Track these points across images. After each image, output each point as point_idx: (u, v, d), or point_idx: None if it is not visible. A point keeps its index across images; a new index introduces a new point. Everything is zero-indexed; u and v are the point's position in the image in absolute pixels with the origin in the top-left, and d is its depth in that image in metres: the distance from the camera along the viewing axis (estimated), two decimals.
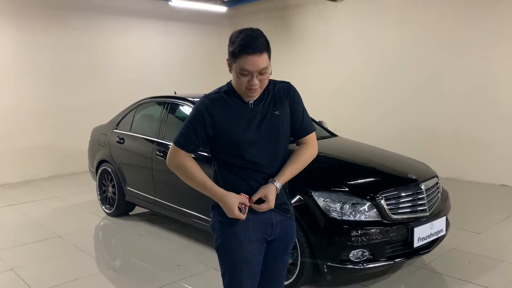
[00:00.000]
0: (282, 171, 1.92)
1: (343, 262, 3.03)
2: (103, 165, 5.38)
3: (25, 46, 7.48)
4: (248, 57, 1.73)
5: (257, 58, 1.74)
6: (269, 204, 1.86)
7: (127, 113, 5.31)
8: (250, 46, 1.73)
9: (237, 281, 1.93)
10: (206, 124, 1.87)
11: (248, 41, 1.73)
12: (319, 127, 4.78)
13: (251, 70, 1.76)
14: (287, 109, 1.96)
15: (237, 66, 1.78)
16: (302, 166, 1.98)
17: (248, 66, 1.75)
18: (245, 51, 1.73)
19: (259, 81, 1.80)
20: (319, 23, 8.61)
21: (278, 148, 1.95)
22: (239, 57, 1.75)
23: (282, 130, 1.94)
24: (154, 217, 5.25)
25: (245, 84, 1.81)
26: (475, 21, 6.36)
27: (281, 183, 1.90)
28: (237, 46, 1.74)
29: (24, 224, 5.17)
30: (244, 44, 1.73)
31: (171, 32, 9.39)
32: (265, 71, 1.79)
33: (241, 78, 1.80)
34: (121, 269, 3.93)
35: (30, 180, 7.59)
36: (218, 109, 1.87)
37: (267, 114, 1.90)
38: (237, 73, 1.79)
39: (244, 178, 1.90)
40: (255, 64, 1.75)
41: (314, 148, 2.03)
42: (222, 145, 1.91)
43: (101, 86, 8.39)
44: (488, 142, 6.37)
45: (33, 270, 3.86)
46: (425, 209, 3.27)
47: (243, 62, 1.75)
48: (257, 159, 1.89)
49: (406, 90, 7.28)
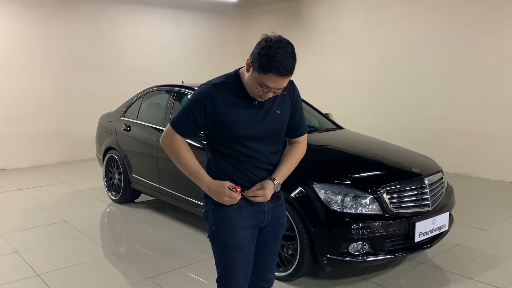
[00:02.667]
0: (280, 169, 1.96)
1: (342, 254, 3.02)
2: (109, 152, 5.42)
3: (36, 33, 7.54)
4: (274, 77, 1.68)
5: (283, 79, 1.70)
6: (265, 197, 1.89)
7: (134, 101, 5.33)
8: (279, 68, 1.66)
9: (231, 268, 1.94)
10: (207, 112, 1.83)
11: (278, 61, 1.65)
12: (325, 119, 4.75)
13: (272, 87, 1.73)
14: (287, 108, 1.96)
15: (259, 78, 1.71)
16: (295, 165, 2.04)
17: (270, 84, 1.71)
18: (273, 71, 1.67)
19: (273, 93, 1.79)
20: (330, 14, 8.52)
21: (275, 145, 1.98)
22: (266, 73, 1.68)
23: (281, 128, 1.97)
24: (159, 205, 5.29)
25: (259, 93, 1.78)
26: (487, 16, 6.23)
27: (280, 181, 1.94)
28: (267, 63, 1.66)
29: (31, 209, 5.25)
30: (274, 64, 1.65)
31: (181, 21, 9.38)
32: (282, 88, 1.77)
33: (257, 88, 1.76)
34: (124, 255, 3.97)
35: (40, 166, 7.70)
36: (221, 99, 1.82)
37: (269, 112, 1.90)
38: (256, 84, 1.74)
39: (240, 169, 1.90)
40: (278, 84, 1.72)
41: (305, 148, 2.10)
42: (220, 136, 1.90)
43: (111, 74, 8.44)
44: (498, 139, 6.27)
45: (38, 253, 3.93)
46: (428, 204, 3.24)
47: (267, 80, 1.70)
48: (254, 153, 1.89)
49: (416, 84, 7.19)
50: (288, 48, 1.69)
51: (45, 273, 3.48)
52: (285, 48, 1.68)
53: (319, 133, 4.35)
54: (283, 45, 1.68)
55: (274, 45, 1.66)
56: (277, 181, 1.92)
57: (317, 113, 4.83)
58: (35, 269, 3.55)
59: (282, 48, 1.67)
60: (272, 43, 1.67)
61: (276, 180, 1.92)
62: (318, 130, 4.46)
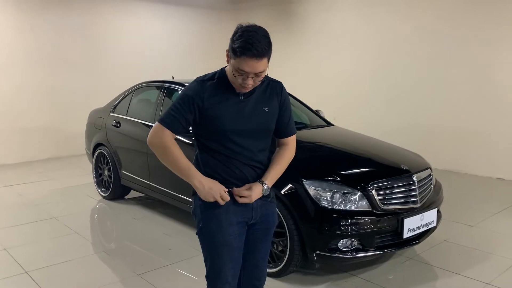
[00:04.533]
0: (269, 172, 1.96)
1: (332, 250, 3.05)
2: (99, 149, 5.39)
3: (24, 27, 7.45)
4: (247, 59, 1.71)
5: (256, 62, 1.72)
6: (250, 199, 1.89)
7: (124, 96, 5.30)
8: (251, 49, 1.69)
9: (218, 265, 1.95)
10: (195, 108, 1.86)
11: (250, 43, 1.69)
12: (315, 116, 4.77)
13: (248, 71, 1.75)
14: (275, 108, 1.98)
15: (235, 63, 1.75)
16: (285, 167, 2.04)
17: (245, 68, 1.74)
18: (245, 53, 1.70)
19: (253, 81, 1.80)
20: (322, 11, 8.52)
21: (263, 142, 1.97)
22: (239, 57, 1.72)
23: (269, 126, 1.97)
24: (149, 201, 5.27)
25: (240, 82, 1.81)
26: (481, 14, 6.28)
27: (269, 185, 1.95)
28: (239, 46, 1.70)
29: (20, 205, 5.21)
30: (245, 46, 1.69)
31: (171, 16, 9.32)
32: (260, 74, 1.78)
33: (236, 76, 1.79)
34: (114, 251, 3.96)
35: (29, 162, 7.62)
36: (209, 95, 1.86)
37: (256, 109, 1.91)
38: (234, 70, 1.78)
39: (227, 165, 1.91)
40: (253, 67, 1.73)
41: (293, 149, 2.09)
42: (208, 132, 1.91)
43: (101, 69, 8.37)
44: (487, 135, 6.34)
45: (26, 250, 3.90)
46: (416, 201, 3.27)
47: (242, 63, 1.73)
48: (241, 150, 1.90)
49: (407, 81, 7.24)
50: (259, 31, 1.74)
51: (34, 270, 3.46)
52: (256, 31, 1.73)
53: (309, 130, 4.37)
54: (254, 29, 1.73)
55: (245, 29, 1.73)
56: (267, 185, 1.94)
57: (307, 110, 4.84)
58: (24, 266, 3.53)
59: (253, 32, 1.72)
60: (243, 28, 1.74)
61: (265, 184, 1.93)
62: (308, 127, 4.48)
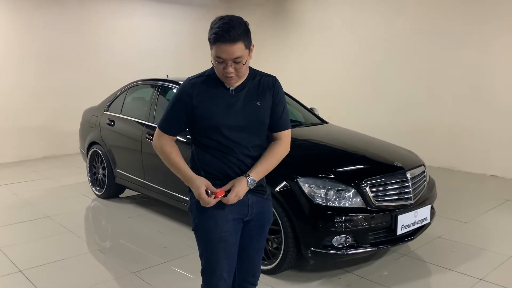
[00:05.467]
0: (256, 166, 1.92)
1: (326, 247, 3.06)
2: (93, 147, 5.37)
3: (19, 25, 7.41)
4: (222, 45, 1.75)
5: (231, 47, 1.74)
6: (238, 196, 1.85)
7: (118, 95, 5.28)
8: (223, 35, 1.73)
9: (214, 261, 1.96)
10: (187, 107, 1.90)
11: (222, 30, 1.73)
12: (310, 114, 4.78)
13: (225, 58, 1.77)
14: (268, 102, 1.97)
15: (213, 52, 1.80)
16: (276, 162, 1.98)
17: (221, 54, 1.77)
18: (219, 40, 1.74)
19: (234, 69, 1.81)
20: (316, 9, 8.53)
21: (256, 138, 1.96)
22: (214, 44, 1.77)
23: (261, 121, 1.96)
24: (144, 199, 5.27)
25: (221, 71, 1.83)
26: (472, 14, 6.31)
27: (255, 177, 1.89)
28: (212, 34, 1.76)
29: (14, 204, 5.19)
30: (218, 32, 1.74)
31: (166, 14, 9.30)
32: (239, 60, 1.79)
33: (216, 65, 1.82)
34: (109, 250, 3.95)
35: (24, 161, 7.59)
36: (199, 92, 1.90)
37: (247, 103, 1.92)
38: (213, 60, 1.82)
39: (222, 161, 1.91)
40: (228, 53, 1.76)
41: (287, 145, 2.03)
42: (201, 128, 1.93)
43: (96, 68, 8.34)
44: (480, 133, 6.38)
45: (20, 249, 3.89)
46: (410, 197, 3.29)
47: (217, 50, 1.77)
48: (236, 145, 1.90)
49: (401, 79, 7.26)
50: (233, 18, 1.78)
51: (28, 269, 3.45)
52: (230, 18, 1.77)
53: (304, 128, 4.38)
54: (228, 17, 1.78)
55: (220, 18, 1.78)
56: (251, 178, 1.88)
57: (302, 107, 4.85)
58: (18, 265, 3.52)
59: (227, 19, 1.76)
60: (215, 20, 1.80)
61: (250, 177, 1.88)
62: (303, 125, 4.49)
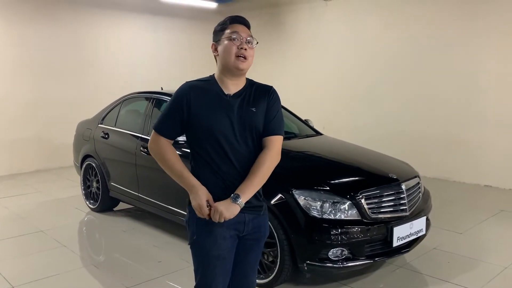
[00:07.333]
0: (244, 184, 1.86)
1: (322, 260, 3.05)
2: (87, 160, 5.34)
3: (12, 38, 7.39)
4: (238, 25, 1.94)
5: (244, 28, 1.95)
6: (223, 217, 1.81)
7: (112, 108, 5.27)
8: (239, 19, 1.97)
9: (210, 277, 1.94)
10: (184, 109, 1.90)
11: (237, 16, 1.98)
12: (304, 126, 4.79)
13: (241, 33, 1.91)
14: (263, 109, 1.96)
15: (228, 33, 1.92)
16: (264, 174, 1.90)
17: (239, 29, 1.92)
18: (236, 21, 1.95)
19: (247, 50, 1.90)
20: (310, 21, 8.61)
21: (251, 145, 1.93)
22: (230, 25, 1.94)
23: (257, 126, 1.94)
24: (139, 213, 5.23)
25: (235, 51, 1.89)
26: (464, 22, 6.41)
27: (243, 197, 1.84)
28: (227, 19, 1.97)
29: (6, 218, 5.13)
30: (233, 16, 1.97)
31: (160, 27, 9.33)
32: (251, 41, 1.94)
33: (229, 46, 1.90)
34: (103, 264, 3.90)
35: (15, 174, 7.52)
36: (196, 95, 1.91)
37: (243, 109, 1.92)
38: (227, 39, 1.91)
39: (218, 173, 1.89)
40: (244, 31, 1.93)
41: (276, 154, 1.95)
42: (197, 133, 1.91)
43: (89, 80, 8.33)
44: (474, 143, 6.43)
45: (13, 265, 3.83)
46: (405, 209, 3.30)
47: (233, 28, 1.93)
48: (229, 152, 1.88)
49: (395, 90, 7.32)
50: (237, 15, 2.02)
51: (21, 285, 3.39)
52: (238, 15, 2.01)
53: (299, 140, 4.38)
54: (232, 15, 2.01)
55: (227, 17, 2.00)
56: (240, 200, 1.83)
57: (296, 119, 4.86)
58: (10, 281, 3.46)
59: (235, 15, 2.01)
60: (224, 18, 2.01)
61: (239, 199, 1.83)
62: (298, 136, 4.49)
